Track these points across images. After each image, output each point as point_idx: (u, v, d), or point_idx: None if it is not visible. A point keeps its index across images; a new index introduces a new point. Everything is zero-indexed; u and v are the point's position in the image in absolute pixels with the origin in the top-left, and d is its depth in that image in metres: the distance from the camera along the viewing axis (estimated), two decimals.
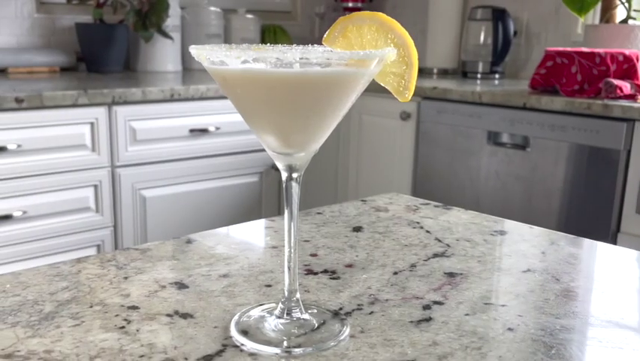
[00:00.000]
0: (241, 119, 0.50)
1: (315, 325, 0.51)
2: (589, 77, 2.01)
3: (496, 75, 2.67)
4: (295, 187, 0.49)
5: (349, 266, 0.65)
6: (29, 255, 1.74)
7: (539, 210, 2.02)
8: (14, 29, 2.31)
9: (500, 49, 2.63)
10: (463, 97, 2.18)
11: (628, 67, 2.01)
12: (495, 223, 0.80)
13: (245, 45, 0.46)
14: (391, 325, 0.52)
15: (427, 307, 0.55)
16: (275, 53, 0.41)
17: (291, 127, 0.46)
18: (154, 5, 2.31)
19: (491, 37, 2.63)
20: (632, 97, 1.90)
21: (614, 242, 1.84)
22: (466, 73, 2.72)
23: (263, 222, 0.80)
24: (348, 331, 0.50)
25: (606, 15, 2.40)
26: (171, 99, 1.96)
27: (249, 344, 0.48)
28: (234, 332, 0.49)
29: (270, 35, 2.87)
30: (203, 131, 2.04)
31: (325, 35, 0.49)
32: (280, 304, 0.51)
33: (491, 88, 2.25)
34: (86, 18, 2.40)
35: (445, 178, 2.27)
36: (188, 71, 2.52)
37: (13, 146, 1.68)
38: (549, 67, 2.10)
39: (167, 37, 2.39)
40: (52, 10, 2.39)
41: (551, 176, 1.98)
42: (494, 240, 0.74)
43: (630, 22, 2.25)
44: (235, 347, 0.48)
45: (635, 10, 2.28)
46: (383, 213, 0.83)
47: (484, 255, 0.69)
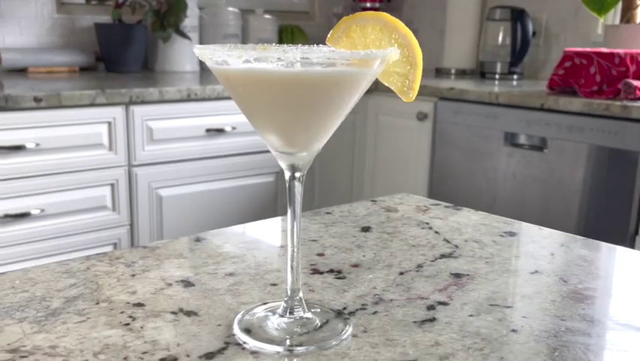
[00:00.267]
0: None
1: (318, 324, 0.51)
2: (608, 77, 1.99)
3: (515, 76, 2.65)
4: (298, 187, 0.49)
5: (355, 266, 0.65)
6: (46, 253, 1.76)
7: (557, 212, 2.00)
8: (35, 29, 2.34)
9: (519, 49, 2.62)
10: (480, 98, 2.17)
11: None
12: (505, 225, 0.79)
13: (250, 45, 0.46)
14: (394, 325, 0.52)
15: (431, 308, 0.55)
16: (276, 52, 0.42)
17: (294, 126, 0.46)
18: (172, 5, 2.33)
19: (510, 38, 2.62)
20: None
21: (632, 245, 1.82)
22: (484, 73, 2.70)
23: (272, 221, 0.80)
24: (350, 330, 0.50)
25: (626, 15, 2.38)
26: (188, 99, 1.97)
27: (251, 342, 0.48)
28: (237, 330, 0.50)
29: (288, 36, 2.87)
30: (219, 131, 2.05)
31: (329, 35, 0.49)
32: (283, 303, 0.52)
33: (509, 89, 2.24)
34: (105, 18, 2.42)
35: (462, 179, 2.26)
36: (205, 71, 2.54)
37: (31, 145, 1.70)
38: (567, 67, 2.08)
39: (185, 37, 2.41)
40: (72, 11, 2.42)
41: (569, 178, 1.96)
42: (503, 241, 0.73)
43: None
44: (237, 345, 0.48)
45: None
46: (393, 214, 0.83)
47: (492, 256, 0.68)
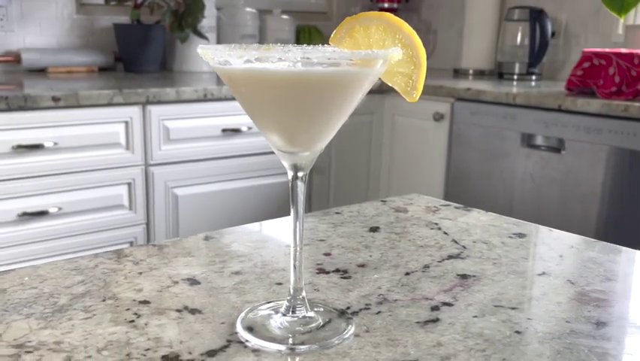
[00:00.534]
0: None
1: (321, 323, 0.51)
2: (627, 78, 1.97)
3: (533, 77, 2.63)
4: (301, 186, 0.50)
5: (362, 266, 0.65)
6: (63, 250, 1.78)
7: (575, 215, 1.98)
8: (55, 30, 2.37)
9: (537, 50, 2.60)
10: (497, 98, 2.15)
11: None
12: (515, 226, 0.79)
13: (254, 45, 0.46)
14: (397, 325, 0.52)
15: (435, 308, 0.55)
16: (277, 52, 0.42)
17: (296, 126, 0.47)
18: (190, 6, 2.34)
19: (528, 38, 2.60)
20: None
21: None
22: (503, 74, 2.69)
23: (280, 220, 0.81)
24: (352, 330, 0.50)
25: None
26: (204, 99, 1.98)
27: (253, 340, 0.48)
28: (240, 328, 0.50)
29: (305, 36, 2.88)
30: (235, 131, 2.06)
31: (332, 35, 0.49)
32: (286, 302, 0.52)
33: (526, 89, 2.22)
34: (124, 19, 2.45)
35: (478, 181, 2.25)
36: None
37: (49, 143, 1.72)
38: (586, 68, 2.06)
39: (203, 37, 2.42)
40: (91, 11, 2.44)
41: (587, 180, 1.95)
42: (512, 242, 0.73)
43: None
44: (239, 343, 0.48)
45: None
46: (402, 214, 0.83)
47: (499, 257, 0.68)
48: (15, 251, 1.72)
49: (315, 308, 0.53)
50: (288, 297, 0.52)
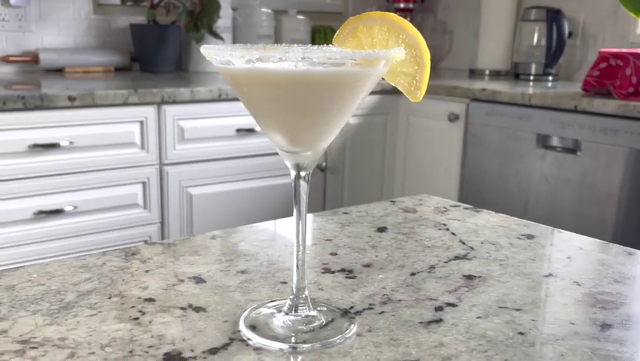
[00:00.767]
0: None
1: (323, 322, 0.51)
2: None
3: (550, 77, 2.61)
4: (304, 186, 0.50)
5: (367, 266, 0.65)
6: (78, 248, 1.80)
7: (591, 217, 1.96)
8: (72, 30, 2.39)
9: (554, 50, 2.58)
10: (512, 99, 2.14)
11: None
12: (524, 227, 0.79)
13: (259, 45, 0.47)
14: (400, 325, 0.52)
15: (439, 309, 0.55)
16: (278, 52, 0.42)
17: (297, 126, 0.47)
18: (205, 6, 2.35)
19: (545, 39, 2.58)
20: None
21: None
22: (519, 75, 2.67)
23: (289, 220, 0.81)
24: (355, 329, 0.51)
25: None
26: (219, 99, 1.99)
27: (255, 338, 0.49)
28: (242, 327, 0.50)
29: (321, 36, 2.88)
30: (249, 131, 2.07)
31: (335, 35, 0.50)
32: (289, 301, 0.52)
33: (542, 90, 2.21)
34: (140, 19, 2.46)
35: (493, 182, 2.23)
36: None
37: (65, 143, 1.74)
38: (603, 69, 2.04)
39: (218, 37, 2.43)
40: (108, 12, 2.46)
41: (603, 182, 1.93)
42: (520, 244, 0.73)
43: None
44: (242, 341, 0.49)
45: None
46: (410, 215, 0.83)
47: (506, 258, 0.68)
48: (31, 249, 1.74)
49: (318, 307, 0.53)
50: (290, 296, 0.52)
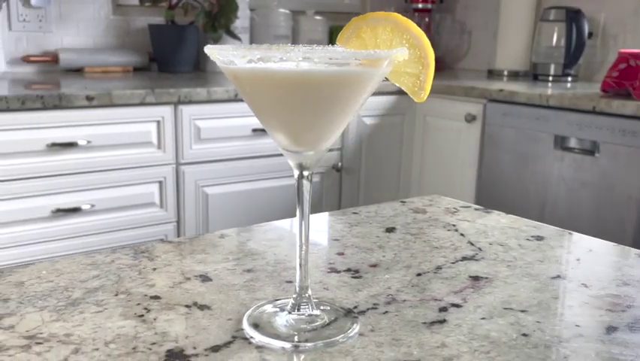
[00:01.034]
0: None
1: (326, 321, 0.51)
2: None
3: (569, 78, 2.58)
4: (306, 185, 0.50)
5: (374, 266, 0.65)
6: (95, 247, 1.82)
7: (609, 219, 1.94)
8: (91, 30, 2.41)
9: (573, 51, 2.55)
10: (530, 100, 2.12)
11: None
12: (534, 228, 0.78)
13: (264, 45, 0.47)
14: (403, 325, 0.52)
15: (443, 310, 0.55)
16: (279, 52, 0.42)
17: (299, 125, 0.47)
18: (223, 7, 2.37)
19: (564, 39, 2.55)
20: None
21: None
22: (537, 75, 2.65)
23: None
24: (357, 329, 0.51)
25: None
26: (235, 99, 2.00)
27: (257, 336, 0.49)
28: (246, 325, 0.51)
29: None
30: (265, 131, 2.06)
31: (339, 35, 0.50)
32: (292, 300, 0.52)
33: (560, 91, 2.19)
34: (159, 19, 2.48)
35: (510, 183, 2.22)
36: None
37: (83, 142, 1.76)
38: (622, 69, 2.02)
39: (236, 38, 2.44)
40: (127, 12, 2.49)
41: (622, 184, 1.91)
42: (529, 245, 0.72)
43: None
44: (244, 339, 0.49)
45: None
46: (420, 215, 0.83)
47: (514, 260, 0.67)
48: (48, 247, 1.76)
49: (322, 307, 0.54)
50: (294, 295, 0.52)
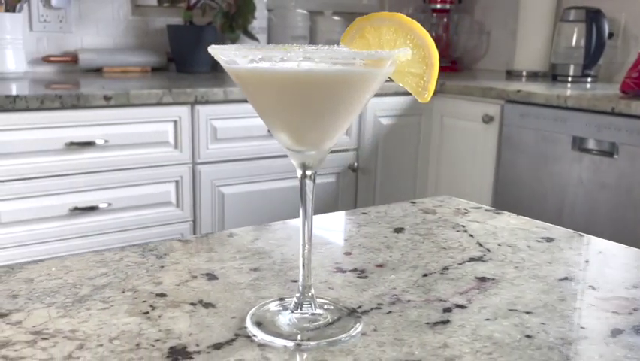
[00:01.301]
0: None
1: (329, 320, 0.52)
2: None
3: (589, 79, 2.56)
4: (309, 185, 0.50)
5: (380, 266, 0.65)
6: (112, 245, 1.83)
7: (628, 221, 1.92)
8: (111, 31, 2.44)
9: (593, 51, 2.52)
10: (548, 101, 2.11)
11: None
12: (544, 230, 0.78)
13: (270, 45, 0.47)
14: (406, 325, 0.52)
15: (447, 310, 0.55)
16: (280, 52, 0.43)
17: (302, 125, 0.47)
18: (241, 7, 2.38)
19: (584, 39, 2.53)
20: None
21: None
22: (556, 76, 2.63)
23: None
24: (360, 328, 0.51)
25: None
26: None
27: (260, 335, 0.49)
28: (249, 323, 0.51)
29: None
30: None
31: (342, 35, 0.50)
32: (295, 299, 0.52)
33: (579, 92, 2.17)
34: (177, 20, 2.50)
35: (528, 184, 2.20)
36: None
37: (100, 141, 1.78)
38: None
39: (253, 38, 2.45)
40: (146, 13, 2.51)
41: None
42: (538, 246, 0.72)
43: None
44: (247, 338, 0.49)
45: None
46: (430, 216, 0.82)
47: (522, 261, 0.67)
48: (65, 245, 1.78)
49: (325, 306, 0.54)
50: (297, 294, 0.53)
